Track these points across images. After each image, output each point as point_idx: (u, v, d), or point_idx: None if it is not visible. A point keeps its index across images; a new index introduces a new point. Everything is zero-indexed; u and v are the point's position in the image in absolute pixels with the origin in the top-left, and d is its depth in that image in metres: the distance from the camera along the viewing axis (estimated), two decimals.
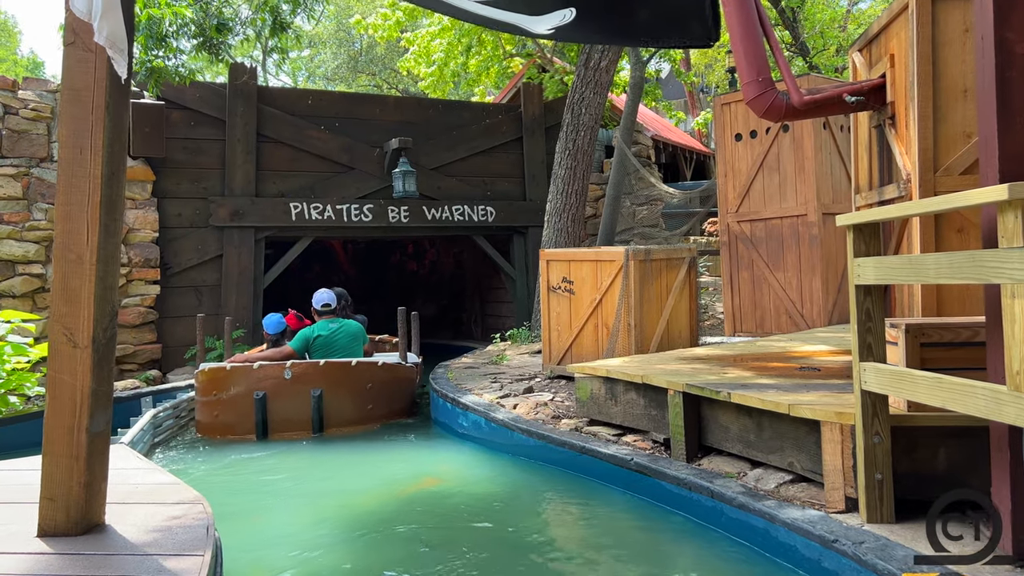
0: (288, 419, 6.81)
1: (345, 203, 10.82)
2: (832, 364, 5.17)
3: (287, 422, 6.81)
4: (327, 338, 7.32)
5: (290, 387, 6.81)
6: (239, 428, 6.83)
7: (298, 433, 6.81)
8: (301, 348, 7.24)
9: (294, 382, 6.82)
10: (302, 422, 6.82)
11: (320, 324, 7.41)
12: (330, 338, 7.33)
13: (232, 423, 6.85)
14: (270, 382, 6.81)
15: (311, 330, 7.35)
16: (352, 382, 7.03)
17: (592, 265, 7.01)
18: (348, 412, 6.97)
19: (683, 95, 22.25)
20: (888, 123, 4.64)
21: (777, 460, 4.04)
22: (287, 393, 6.80)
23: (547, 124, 12.25)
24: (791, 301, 7.96)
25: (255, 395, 6.76)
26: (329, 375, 6.91)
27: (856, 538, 3.13)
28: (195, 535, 3.17)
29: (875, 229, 3.32)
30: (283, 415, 6.80)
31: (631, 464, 4.62)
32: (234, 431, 6.84)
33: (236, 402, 6.82)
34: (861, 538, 3.13)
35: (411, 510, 4.78)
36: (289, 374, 6.82)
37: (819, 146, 7.87)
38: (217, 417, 6.93)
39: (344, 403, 6.94)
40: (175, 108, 9.96)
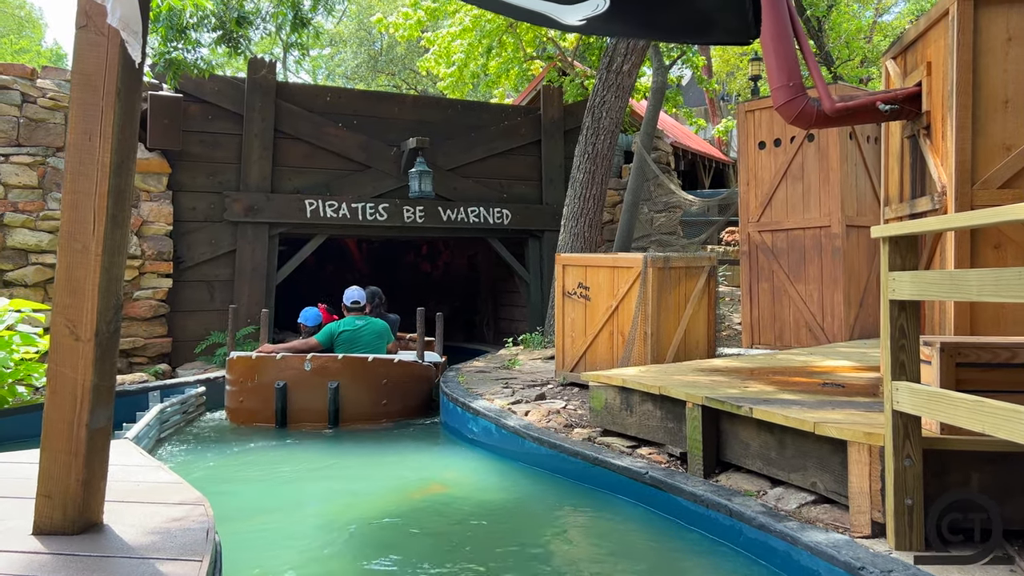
0: (306, 409, 7.04)
1: (360, 201, 10.73)
2: (856, 381, 5.01)
3: (305, 412, 7.04)
4: (352, 334, 7.55)
5: (309, 379, 7.05)
6: (261, 415, 7.09)
7: (315, 424, 7.04)
8: (326, 341, 7.49)
9: (313, 374, 7.06)
10: (319, 413, 7.04)
11: (347, 320, 7.67)
12: (355, 334, 7.55)
13: (255, 409, 7.12)
14: (291, 372, 7.06)
15: (337, 325, 7.61)
16: (368, 377, 7.22)
17: (609, 271, 6.88)
18: (363, 406, 7.17)
19: (704, 102, 22.07)
20: (923, 133, 4.49)
21: (799, 479, 3.89)
22: (306, 384, 7.04)
23: (566, 127, 12.14)
24: (811, 314, 7.79)
25: (276, 384, 7.01)
26: (346, 369, 7.13)
27: (884, 566, 2.98)
28: (195, 538, 3.06)
29: (912, 242, 3.17)
30: (302, 405, 7.04)
31: (646, 478, 4.48)
32: (256, 418, 7.11)
33: (260, 390, 7.09)
34: (890, 566, 2.97)
35: (417, 517, 4.66)
36: (309, 366, 7.08)
37: (845, 156, 7.70)
38: (242, 403, 7.22)
39: (359, 397, 7.15)
40: (193, 101, 9.91)
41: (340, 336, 7.54)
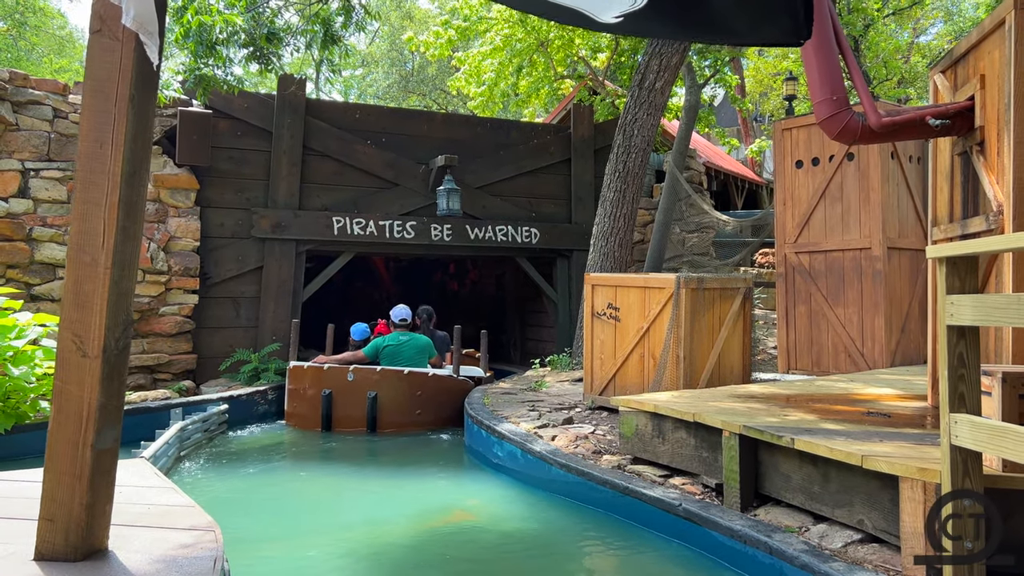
0: (348, 416, 7.83)
1: (388, 219, 10.63)
2: (903, 410, 4.74)
3: (347, 418, 7.84)
4: (395, 348, 8.26)
5: (352, 388, 7.84)
6: (310, 420, 7.92)
7: (356, 429, 7.80)
8: (372, 354, 8.24)
9: (355, 384, 7.84)
10: (359, 419, 7.82)
11: (392, 335, 8.39)
12: (398, 348, 8.26)
13: (305, 414, 7.96)
14: (336, 382, 7.87)
15: (383, 339, 8.34)
16: (404, 388, 7.93)
17: (640, 292, 6.67)
18: (398, 414, 7.88)
19: (736, 123, 21.81)
20: (976, 149, 4.25)
21: (844, 516, 3.63)
22: (349, 393, 7.83)
23: (596, 146, 11.97)
24: (851, 339, 7.50)
25: (323, 392, 7.83)
26: (384, 380, 7.88)
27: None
28: (201, 568, 2.89)
29: (972, 263, 2.94)
30: (344, 412, 7.83)
31: (679, 510, 4.24)
32: (307, 423, 7.93)
33: (309, 397, 7.94)
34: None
35: (438, 547, 4.46)
36: (351, 377, 7.88)
37: (886, 176, 7.44)
38: (295, 408, 8.08)
39: (395, 406, 7.87)
40: (222, 117, 9.90)
41: (385, 350, 8.24)
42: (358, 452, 7.27)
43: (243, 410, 8.39)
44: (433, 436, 7.83)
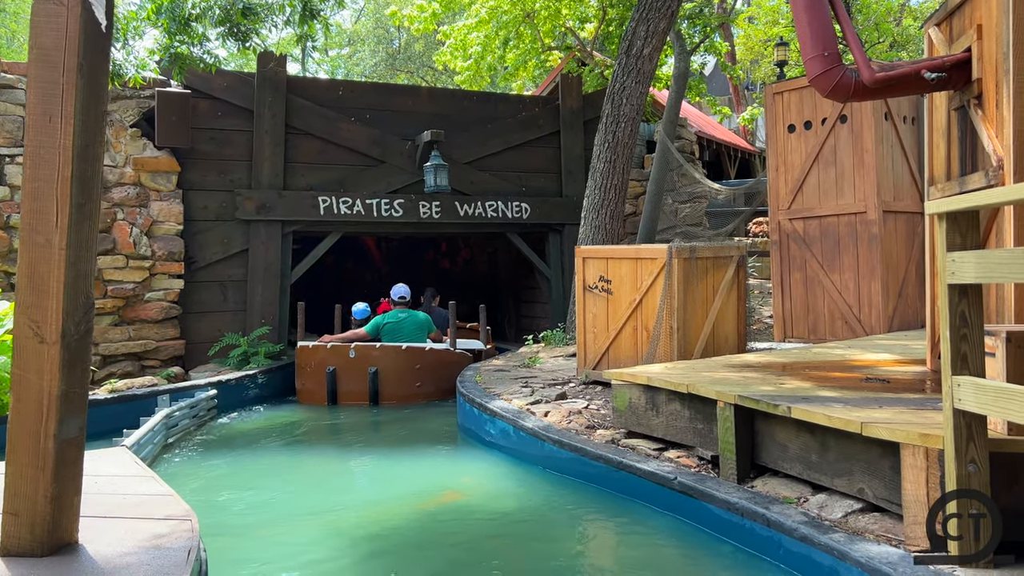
0: (352, 390, 8.20)
1: (375, 198, 10.45)
2: (902, 375, 4.62)
3: (351, 393, 8.20)
4: (395, 324, 8.68)
5: (354, 364, 8.21)
6: (317, 396, 8.29)
7: (359, 402, 8.16)
8: (373, 332, 8.67)
9: (357, 360, 8.21)
10: (362, 393, 8.18)
11: (392, 313, 8.83)
12: (398, 325, 8.68)
13: (312, 390, 8.35)
14: (339, 359, 8.24)
15: (383, 317, 8.78)
16: (403, 363, 8.29)
17: (632, 263, 6.53)
18: (399, 387, 8.24)
19: (728, 92, 21.55)
20: (973, 103, 4.09)
21: (844, 485, 3.52)
22: (351, 369, 8.20)
23: (586, 117, 11.75)
24: (847, 305, 7.38)
25: (327, 369, 8.20)
26: (384, 356, 8.27)
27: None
28: (174, 559, 2.77)
29: (974, 218, 2.80)
30: (348, 387, 8.21)
31: (674, 483, 4.13)
32: (314, 398, 8.32)
33: (315, 374, 8.31)
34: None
35: (430, 528, 4.35)
36: (353, 353, 8.24)
37: (880, 138, 7.28)
38: (304, 385, 8.47)
39: (396, 380, 8.24)
40: (202, 97, 9.67)
41: (385, 327, 8.67)
42: (349, 433, 7.15)
43: (233, 395, 8.25)
44: (433, 406, 8.07)
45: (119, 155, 9.18)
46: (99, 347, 8.83)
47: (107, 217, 8.97)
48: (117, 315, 8.99)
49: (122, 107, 9.22)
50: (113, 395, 7.20)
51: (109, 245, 8.96)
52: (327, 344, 8.40)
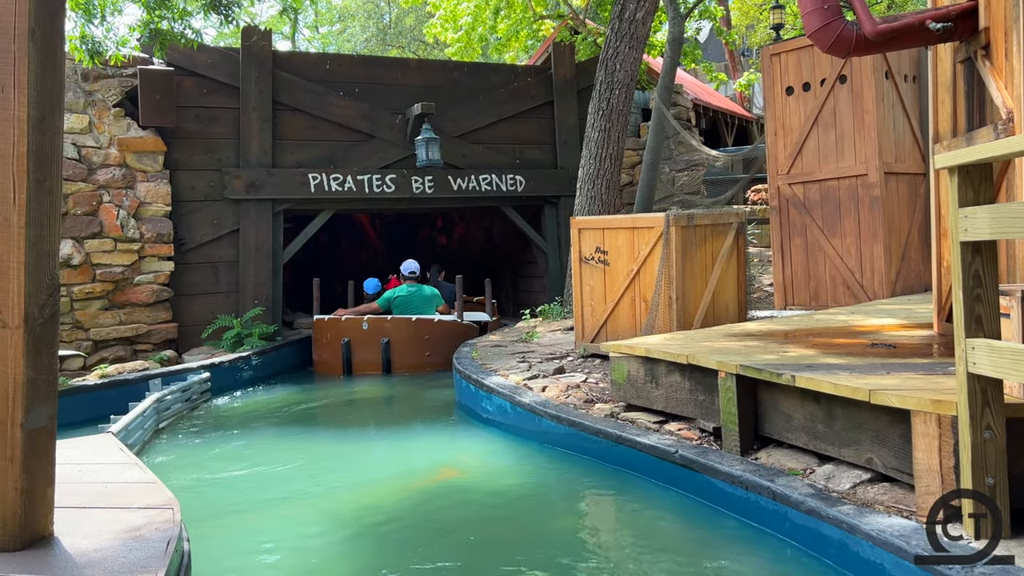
0: (366, 360, 8.66)
1: (366, 173, 10.25)
2: (908, 340, 4.49)
3: (365, 363, 8.66)
4: (405, 298, 9.16)
5: (367, 336, 8.68)
6: (333, 366, 8.79)
7: (373, 371, 8.62)
8: (384, 305, 9.16)
9: (370, 332, 8.68)
10: (376, 363, 8.64)
11: (402, 287, 9.33)
12: (408, 298, 9.16)
13: (329, 361, 8.86)
14: (353, 331, 8.73)
15: (394, 291, 9.28)
16: (413, 334, 8.75)
17: (628, 233, 6.37)
18: (409, 357, 8.66)
19: (723, 59, 21.22)
20: (980, 54, 3.91)
21: (851, 455, 3.39)
22: (365, 340, 8.67)
23: (579, 86, 11.51)
24: (849, 271, 7.23)
25: (342, 341, 8.68)
26: (395, 328, 8.74)
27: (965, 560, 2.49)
28: (152, 551, 2.64)
29: (987, 171, 2.64)
30: (362, 357, 8.67)
31: (675, 457, 4.01)
32: (330, 368, 8.83)
33: (331, 346, 8.81)
34: (971, 560, 2.49)
35: (425, 507, 4.24)
36: (366, 326, 8.72)
37: (881, 97, 7.09)
38: (321, 356, 8.99)
39: (407, 350, 8.68)
40: (186, 75, 9.45)
41: (396, 300, 9.16)
42: (343, 413, 7.05)
43: (226, 377, 8.13)
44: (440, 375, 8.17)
45: (103, 136, 8.98)
46: (89, 332, 8.69)
47: (93, 200, 8.79)
48: (107, 299, 8.84)
49: (104, 86, 9.00)
50: (103, 380, 7.08)
51: (96, 228, 8.78)
52: (341, 317, 8.90)
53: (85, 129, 8.87)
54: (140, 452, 5.54)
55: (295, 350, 9.62)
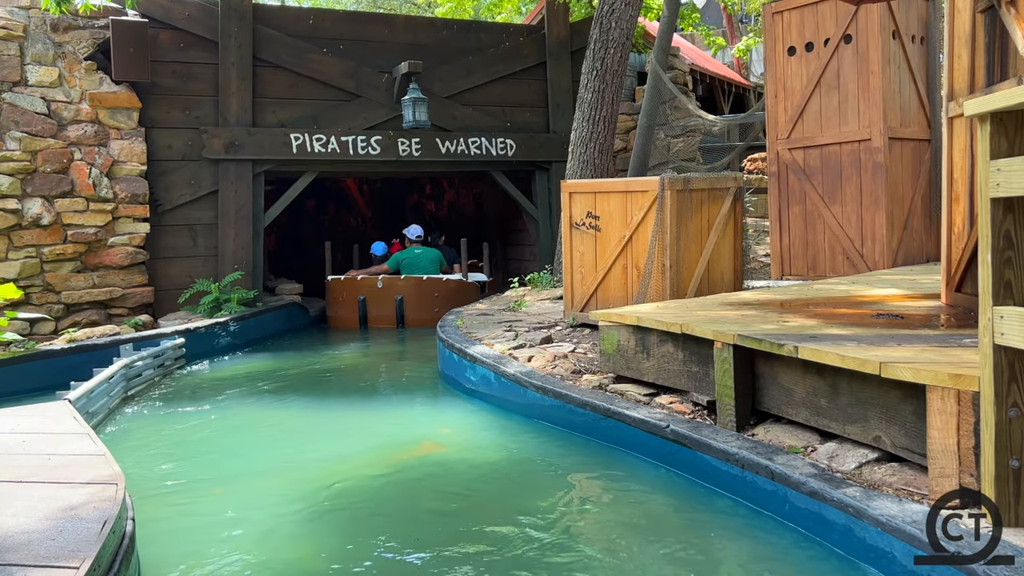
0: (380, 315, 9.54)
1: (351, 134, 9.89)
2: (916, 311, 4.23)
3: (380, 318, 9.54)
4: (412, 259, 10.09)
5: (381, 294, 9.55)
6: (349, 321, 9.66)
7: (387, 325, 9.47)
8: (394, 266, 10.12)
9: (384, 290, 9.56)
10: (390, 318, 9.51)
11: (409, 249, 10.32)
12: (415, 260, 10.09)
13: (345, 317, 9.75)
14: (368, 290, 9.63)
15: (402, 253, 10.25)
16: (424, 292, 9.61)
17: (621, 197, 6.07)
18: (420, 313, 9.34)
19: (721, 24, 20.75)
20: (1005, 1, 3.60)
21: (857, 433, 3.14)
22: (380, 298, 9.55)
23: (573, 48, 11.11)
24: (849, 239, 6.96)
25: (359, 298, 9.57)
26: (408, 286, 9.64)
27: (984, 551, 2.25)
28: (85, 533, 2.37)
29: (1023, 119, 2.36)
30: (377, 313, 9.55)
31: (667, 432, 3.76)
32: (346, 323, 9.70)
33: (348, 303, 9.70)
34: (991, 551, 2.24)
35: (401, 484, 3.99)
36: (381, 284, 9.63)
37: (887, 59, 6.76)
38: (337, 313, 9.88)
39: (418, 306, 9.48)
40: (162, 28, 9.04)
41: (404, 262, 10.09)
42: (323, 382, 6.78)
43: (203, 344, 7.84)
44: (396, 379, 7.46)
45: (74, 90, 8.58)
46: (61, 295, 8.38)
47: (63, 157, 8.42)
48: (79, 261, 8.51)
49: (75, 38, 8.59)
50: (71, 345, 6.78)
51: (67, 187, 8.43)
52: (358, 276, 9.83)
53: (55, 82, 8.48)
54: (104, 420, 5.28)
55: (276, 316, 9.34)
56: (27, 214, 8.19)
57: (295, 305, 10.02)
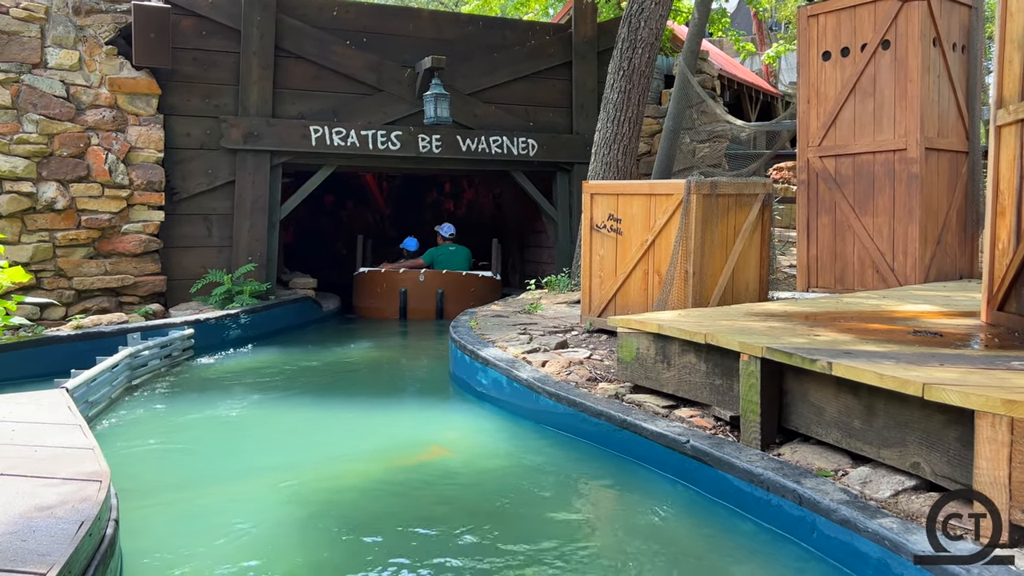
0: (420, 308, 9.99)
1: (371, 129, 9.73)
2: (954, 329, 3.99)
3: (419, 310, 10.00)
4: (448, 256, 10.75)
5: (423, 287, 10.08)
6: (388, 311, 10.08)
7: (426, 317, 9.90)
8: (429, 261, 10.68)
9: (426, 283, 10.09)
10: (430, 310, 9.96)
11: (443, 246, 10.93)
12: (450, 256, 10.76)
13: (383, 307, 10.16)
14: (410, 282, 10.11)
15: (437, 250, 10.88)
16: (462, 286, 10.21)
17: (645, 200, 5.87)
18: (459, 305, 9.39)
19: (751, 31, 20.46)
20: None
21: (893, 458, 2.93)
22: (421, 290, 10.05)
23: (600, 48, 10.89)
24: (880, 252, 6.71)
25: (400, 290, 10.04)
26: (448, 281, 10.22)
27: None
28: (58, 535, 2.21)
29: None
30: (417, 305, 10.01)
31: (686, 447, 3.55)
32: (384, 313, 10.12)
33: (387, 294, 10.16)
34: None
35: (402, 490, 3.80)
36: (423, 278, 10.14)
37: (927, 66, 6.51)
38: (373, 304, 10.31)
39: (456, 299, 9.91)
40: (184, 14, 8.93)
41: (439, 257, 10.70)
42: (332, 378, 6.61)
43: (212, 335, 7.71)
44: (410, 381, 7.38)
45: (93, 75, 8.48)
46: (72, 281, 8.28)
47: (80, 141, 8.32)
48: (92, 247, 8.40)
49: (96, 22, 8.49)
50: (77, 332, 6.66)
51: (83, 172, 8.33)
52: (400, 269, 10.41)
53: (75, 66, 8.38)
54: (105, 410, 5.14)
55: (288, 310, 9.20)
56: (41, 198, 8.09)
57: (308, 300, 9.88)
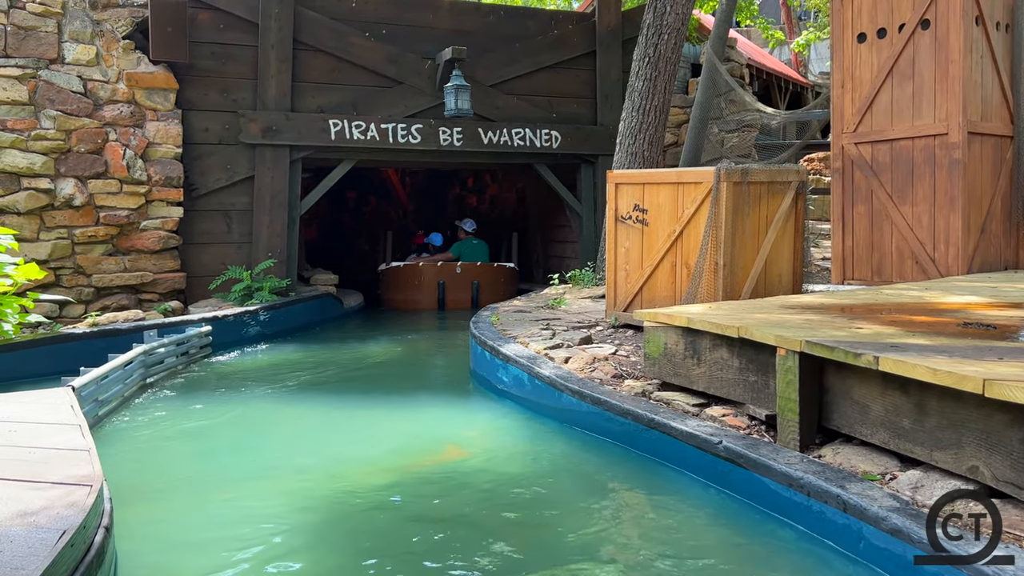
0: (458, 298, 10.50)
1: (391, 122, 9.57)
2: (1007, 321, 3.72)
3: (457, 300, 10.49)
4: (472, 249, 11.35)
5: (459, 278, 10.67)
6: (424, 303, 10.60)
7: (462, 307, 10.18)
8: (457, 254, 11.22)
9: (462, 275, 10.69)
10: (466, 300, 10.46)
11: (467, 240, 11.57)
12: (474, 249, 11.38)
13: (420, 299, 10.64)
14: (448, 275, 10.64)
15: (462, 244, 11.48)
16: (494, 276, 10.97)
17: (672, 189, 5.63)
18: (492, 295, 10.21)
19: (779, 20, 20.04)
20: None
21: (948, 461, 2.68)
22: (457, 282, 10.64)
23: (625, 37, 10.63)
24: (919, 243, 6.40)
25: (439, 282, 10.57)
26: (482, 272, 10.88)
27: None
28: (35, 545, 2.04)
29: None
30: (455, 295, 10.55)
31: (719, 448, 3.32)
32: (421, 305, 10.60)
33: (426, 286, 10.63)
34: None
35: (417, 494, 3.61)
36: (460, 270, 10.72)
37: (969, 47, 6.18)
38: (409, 296, 10.77)
39: (490, 289, 10.62)
40: (201, 8, 8.82)
41: (465, 251, 11.25)
42: (348, 376, 6.44)
43: (231, 332, 7.59)
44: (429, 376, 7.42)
45: (111, 69, 8.40)
46: (91, 278, 8.20)
47: (98, 137, 8.25)
48: (111, 244, 8.33)
49: (113, 16, 8.41)
50: (93, 329, 6.57)
51: (100, 168, 8.25)
52: (438, 263, 10.84)
53: (92, 61, 8.31)
54: (116, 409, 5.01)
55: (308, 307, 9.07)
56: (60, 194, 8.03)
57: (329, 296, 9.75)
